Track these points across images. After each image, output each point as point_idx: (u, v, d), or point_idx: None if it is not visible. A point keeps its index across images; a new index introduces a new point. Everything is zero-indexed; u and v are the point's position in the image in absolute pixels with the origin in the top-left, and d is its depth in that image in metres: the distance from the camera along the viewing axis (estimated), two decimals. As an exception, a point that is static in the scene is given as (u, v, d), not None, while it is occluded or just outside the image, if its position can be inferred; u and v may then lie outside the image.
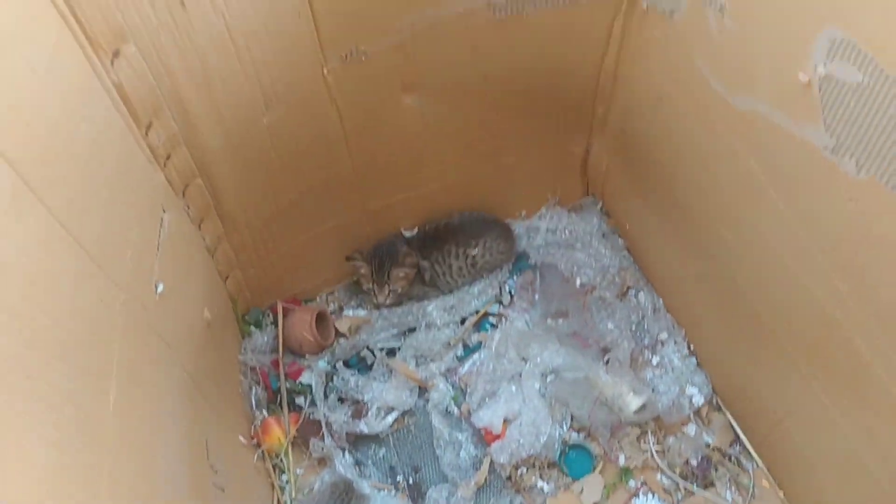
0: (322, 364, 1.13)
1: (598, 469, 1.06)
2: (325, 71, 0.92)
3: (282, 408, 1.09)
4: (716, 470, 1.04)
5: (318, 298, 1.23)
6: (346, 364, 1.13)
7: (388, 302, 1.15)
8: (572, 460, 1.07)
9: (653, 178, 1.08)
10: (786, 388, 0.93)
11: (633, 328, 1.16)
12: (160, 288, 0.77)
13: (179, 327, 0.83)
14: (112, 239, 0.68)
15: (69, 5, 0.62)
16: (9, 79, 0.53)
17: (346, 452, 1.06)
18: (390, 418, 1.08)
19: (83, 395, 0.57)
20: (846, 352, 0.78)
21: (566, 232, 1.26)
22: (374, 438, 1.09)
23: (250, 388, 1.09)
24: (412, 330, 1.16)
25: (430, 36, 0.94)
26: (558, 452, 1.07)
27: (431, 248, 1.17)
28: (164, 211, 0.81)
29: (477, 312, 1.18)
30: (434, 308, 1.17)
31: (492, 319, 1.19)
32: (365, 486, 1.02)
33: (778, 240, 0.83)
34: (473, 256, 1.17)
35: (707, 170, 0.93)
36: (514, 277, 1.22)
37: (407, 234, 1.21)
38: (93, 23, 0.65)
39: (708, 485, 1.04)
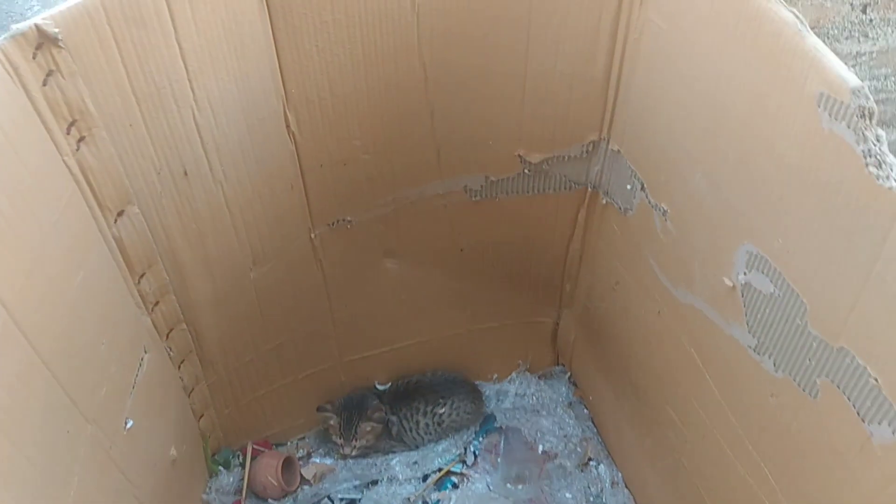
0: (278, 513, 1.15)
1: None
2: (313, 235, 1.01)
3: (238, 552, 1.11)
4: None
5: (288, 443, 1.26)
6: (304, 514, 1.15)
7: (353, 454, 1.19)
8: None
9: (611, 355, 1.14)
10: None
11: (591, 500, 1.18)
12: (129, 424, 0.83)
13: (143, 464, 0.88)
14: (89, 375, 0.74)
15: (82, 170, 0.72)
16: (17, 231, 0.62)
17: None
18: (343, 575, 1.09)
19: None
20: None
21: (534, 398, 1.30)
22: None
23: (210, 530, 1.11)
24: (374, 482, 1.19)
25: (411, 211, 1.04)
26: None
27: (401, 404, 1.22)
28: (145, 352, 0.88)
29: (440, 470, 1.21)
30: (398, 462, 1.20)
31: (454, 479, 1.21)
32: None
33: (716, 425, 0.88)
34: (440, 415, 1.22)
35: (656, 353, 0.99)
36: (480, 439, 1.26)
37: (380, 387, 1.26)
38: (103, 187, 0.74)
39: None
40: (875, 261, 0.57)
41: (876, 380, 0.60)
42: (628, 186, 0.94)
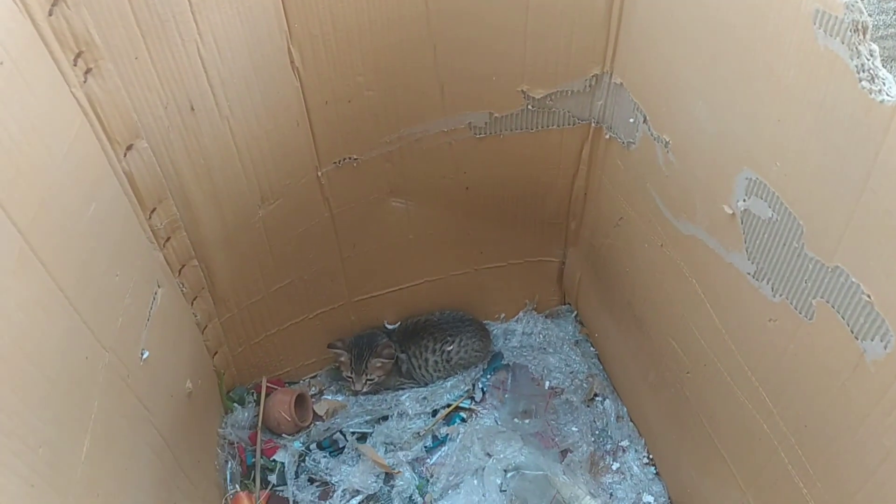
0: (297, 444, 1.19)
1: (552, 569, 1.09)
2: (320, 173, 1.03)
3: (255, 483, 1.15)
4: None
5: (300, 381, 1.30)
6: (320, 446, 1.19)
7: (364, 390, 1.22)
8: (527, 558, 1.10)
9: (616, 291, 1.15)
10: (725, 499, 0.97)
11: (597, 433, 1.21)
12: (145, 355, 0.85)
13: (160, 394, 0.91)
14: (105, 305, 0.76)
15: (91, 103, 0.73)
16: (29, 160, 0.63)
17: (309, 531, 1.11)
18: (355, 501, 1.13)
19: (58, 441, 0.65)
20: (773, 462, 0.83)
21: (540, 336, 1.33)
22: (338, 520, 1.13)
23: (226, 462, 1.14)
24: (385, 418, 1.22)
25: (416, 149, 1.05)
26: (513, 549, 1.10)
27: (410, 342, 1.25)
28: (158, 286, 0.90)
29: (448, 406, 1.24)
30: (407, 398, 1.23)
31: (462, 414, 1.24)
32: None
33: (716, 353, 0.90)
34: (449, 352, 1.24)
35: (659, 286, 1.01)
36: (488, 376, 1.29)
37: (389, 326, 1.29)
38: (111, 120, 0.76)
39: None
40: (868, 176, 0.57)
41: (868, 296, 0.62)
42: (631, 120, 0.95)
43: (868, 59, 0.55)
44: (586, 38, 0.93)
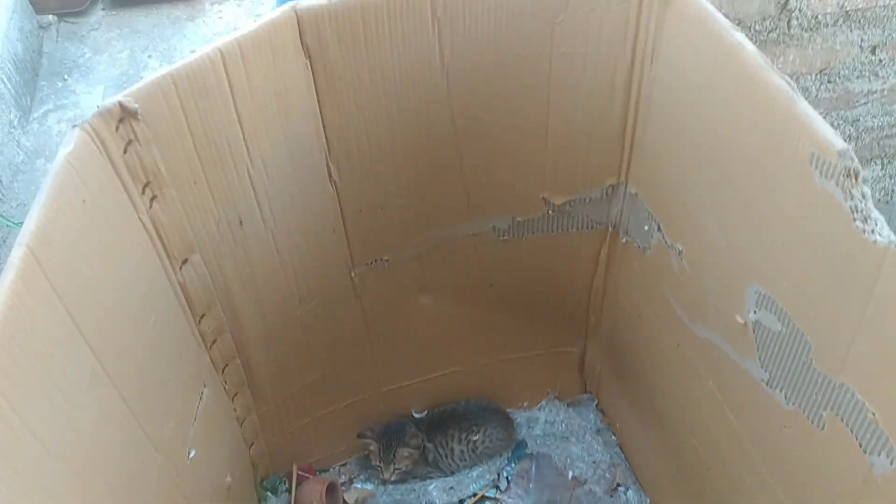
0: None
1: None
2: (353, 274, 1.09)
3: (285, 572, 1.18)
4: None
5: (331, 469, 1.34)
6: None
7: (393, 478, 1.26)
8: None
9: (635, 384, 1.20)
10: None
11: (620, 524, 1.23)
12: (192, 454, 0.91)
13: (204, 491, 0.96)
14: (159, 410, 0.82)
15: (155, 226, 0.81)
16: (102, 285, 0.70)
17: None
18: (383, 592, 1.16)
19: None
20: (792, 565, 0.86)
21: (563, 425, 1.36)
22: None
23: (259, 550, 1.18)
24: (412, 508, 1.26)
25: (444, 250, 1.12)
26: None
27: (437, 431, 1.29)
28: (204, 386, 0.96)
29: (475, 495, 1.27)
30: (434, 488, 1.26)
31: (488, 503, 1.27)
32: None
33: (734, 454, 0.94)
34: (474, 442, 1.28)
35: (677, 384, 1.05)
36: (512, 465, 1.32)
37: (417, 415, 1.33)
38: (171, 239, 0.83)
39: None
40: (866, 305, 0.62)
41: (873, 414, 0.66)
42: (646, 227, 1.01)
43: (861, 202, 0.61)
44: (602, 152, 1.00)
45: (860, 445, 0.68)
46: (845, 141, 1.25)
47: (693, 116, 0.84)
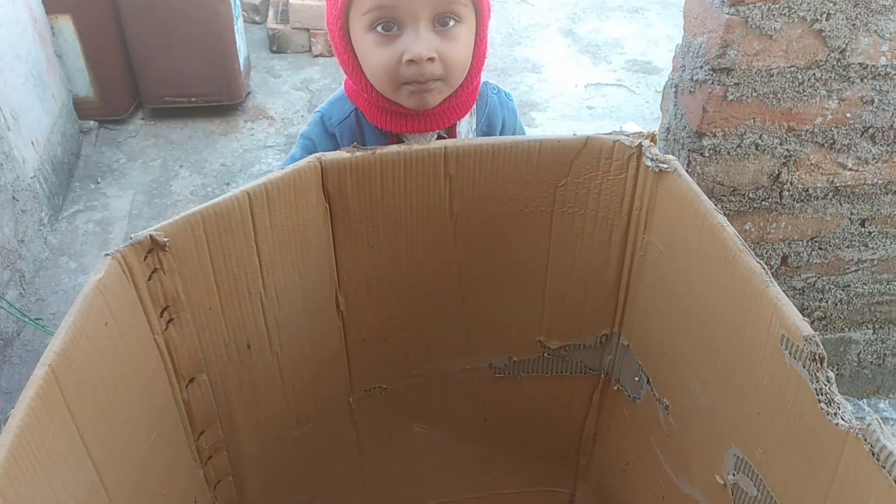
0: None
1: None
2: (351, 399, 1.13)
3: None
4: None
5: None
6: None
7: None
8: None
9: (621, 532, 1.20)
10: None
11: None
12: (174, 570, 0.92)
13: None
14: (148, 526, 0.85)
15: (168, 347, 0.86)
16: (111, 401, 0.75)
17: None
18: None
19: None
20: None
21: (548, 566, 1.35)
22: None
23: None
24: None
25: (441, 383, 1.15)
26: None
27: None
28: (195, 502, 0.98)
29: None
30: None
31: None
32: None
33: None
34: None
35: (661, 536, 1.06)
36: None
37: (402, 544, 1.33)
38: (181, 360, 0.88)
39: None
40: (831, 484, 0.66)
41: (840, 590, 0.68)
42: (636, 378, 1.05)
43: (825, 385, 0.65)
44: (597, 302, 1.06)
45: None
46: (836, 304, 1.32)
47: (680, 282, 0.89)
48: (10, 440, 0.59)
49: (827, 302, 1.45)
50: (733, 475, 0.83)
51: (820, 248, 1.36)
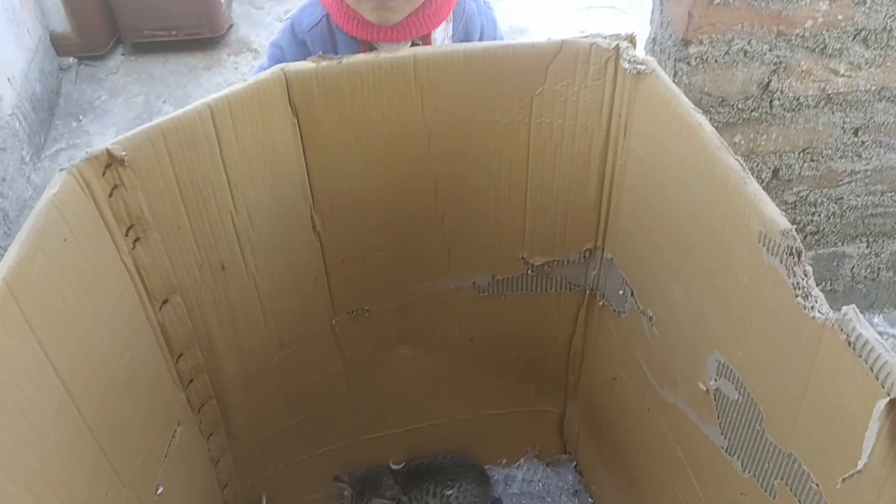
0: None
1: None
2: (334, 322, 1.12)
3: None
4: None
5: (304, 516, 1.34)
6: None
7: None
8: None
9: (610, 447, 1.20)
10: None
11: (590, 588, 1.22)
12: (160, 490, 0.92)
13: (169, 528, 0.97)
14: (128, 445, 0.84)
15: (136, 266, 0.84)
16: (78, 318, 0.73)
17: None
18: None
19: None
20: None
21: (540, 484, 1.36)
22: None
23: None
24: (381, 559, 1.26)
25: (424, 303, 1.14)
26: None
27: (412, 484, 1.29)
28: (178, 424, 0.98)
29: (446, 550, 1.27)
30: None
31: (457, 560, 1.27)
32: None
33: (697, 521, 0.94)
34: (448, 497, 1.28)
35: (647, 449, 1.06)
36: (486, 522, 1.32)
37: (395, 466, 1.34)
38: (152, 280, 0.86)
39: None
40: (809, 379, 0.64)
41: (817, 485, 0.67)
42: (620, 291, 1.03)
43: (802, 279, 0.63)
44: (580, 217, 1.03)
45: (806, 517, 0.69)
46: (829, 218, 1.29)
47: (660, 189, 0.87)
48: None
49: (819, 216, 1.43)
50: (715, 381, 0.82)
51: (812, 160, 1.33)
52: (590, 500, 1.35)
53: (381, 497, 1.26)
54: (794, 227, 0.64)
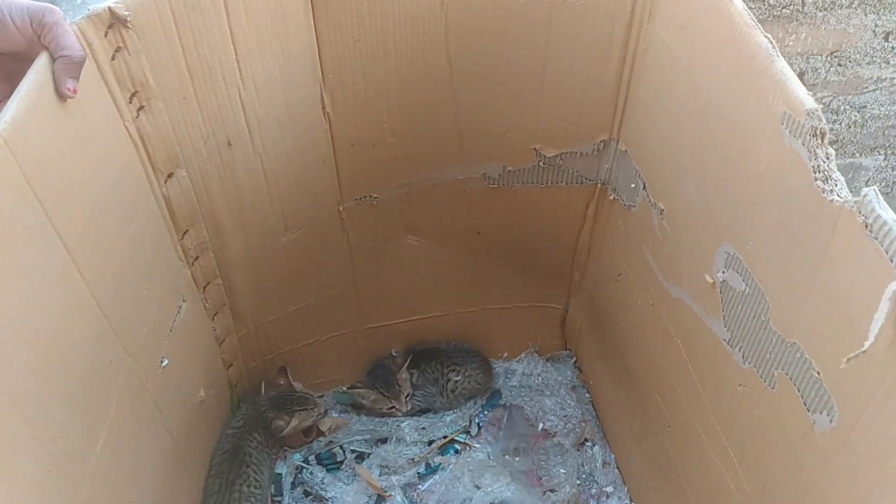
0: (297, 457, 1.26)
1: None
2: (341, 208, 1.11)
3: (254, 492, 1.22)
4: None
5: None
6: (318, 459, 1.26)
7: (408, 407, 1.29)
8: (504, 590, 1.15)
9: (611, 342, 1.21)
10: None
11: (583, 477, 1.26)
12: (164, 363, 0.94)
13: (174, 400, 0.99)
14: (133, 315, 0.85)
15: (140, 136, 0.82)
16: (81, 185, 0.72)
17: (301, 543, 1.17)
18: (346, 519, 1.20)
19: (77, 432, 0.73)
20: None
21: (539, 378, 1.38)
22: (328, 535, 1.20)
23: (230, 468, 1.22)
24: (384, 440, 1.29)
25: (433, 192, 1.13)
26: (492, 580, 1.16)
27: (417, 365, 1.31)
28: (183, 301, 0.99)
29: (445, 437, 1.30)
30: (407, 426, 1.29)
31: (457, 446, 1.30)
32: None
33: (694, 411, 0.95)
34: (455, 381, 1.31)
35: (648, 342, 1.07)
36: (486, 412, 1.35)
37: (396, 354, 1.36)
38: (157, 151, 0.85)
39: None
40: (819, 265, 0.63)
41: (818, 373, 0.67)
42: (633, 185, 1.01)
43: (824, 162, 0.61)
44: (596, 107, 1.00)
45: (805, 404, 0.70)
46: (850, 127, 1.26)
47: (682, 74, 0.84)
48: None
49: (841, 124, 1.39)
50: (723, 273, 0.82)
51: (839, 65, 1.28)
52: (587, 395, 1.38)
53: (401, 370, 1.28)
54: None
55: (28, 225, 0.64)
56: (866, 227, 0.56)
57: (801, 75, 1.33)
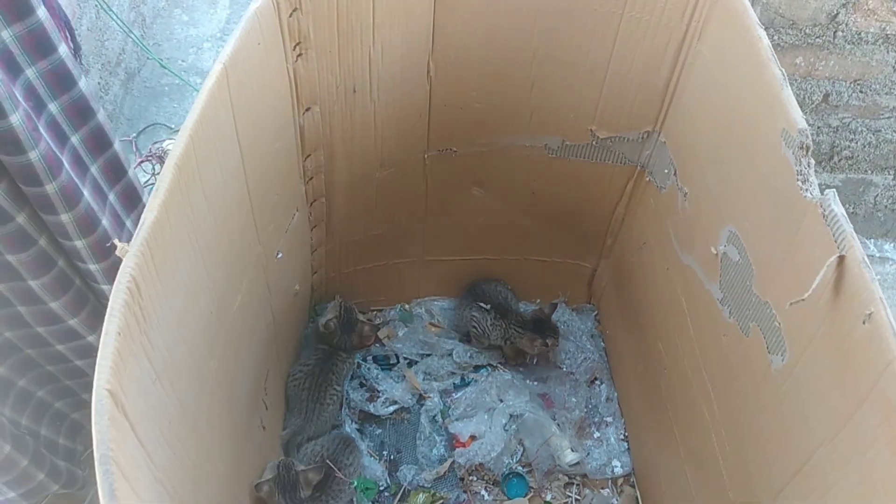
0: (357, 356, 1.53)
1: (529, 497, 1.40)
2: (426, 156, 1.35)
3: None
4: (612, 525, 1.37)
5: (369, 311, 1.63)
6: (375, 359, 1.52)
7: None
8: (512, 484, 1.41)
9: (629, 300, 1.45)
10: (670, 469, 1.27)
11: (590, 407, 1.51)
12: (279, 255, 1.20)
13: (279, 286, 1.25)
14: (266, 212, 1.10)
15: (295, 77, 1.07)
16: (257, 107, 0.98)
17: (354, 422, 1.44)
18: (392, 408, 1.46)
19: (227, 290, 0.99)
20: (707, 442, 1.13)
21: (565, 326, 1.63)
22: (376, 419, 1.47)
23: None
24: (430, 355, 1.55)
25: (502, 154, 1.37)
26: (503, 475, 1.42)
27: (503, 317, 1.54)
28: (297, 210, 1.24)
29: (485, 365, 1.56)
30: (456, 348, 1.55)
31: (489, 368, 1.56)
32: (361, 446, 1.40)
33: (686, 357, 1.20)
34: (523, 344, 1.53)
35: (659, 300, 1.31)
36: (515, 344, 1.60)
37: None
38: (303, 90, 1.10)
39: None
40: (791, 243, 0.87)
41: (780, 323, 0.91)
42: (666, 171, 1.25)
43: (805, 168, 0.84)
44: (645, 103, 1.23)
45: (767, 347, 0.93)
46: (864, 147, 1.50)
47: (716, 87, 1.06)
48: (196, 115, 0.82)
49: (857, 143, 1.60)
50: (724, 246, 1.05)
51: (861, 91, 1.49)
52: (602, 342, 1.62)
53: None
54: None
55: (225, 133, 0.90)
56: (823, 217, 0.79)
57: (826, 96, 1.54)
